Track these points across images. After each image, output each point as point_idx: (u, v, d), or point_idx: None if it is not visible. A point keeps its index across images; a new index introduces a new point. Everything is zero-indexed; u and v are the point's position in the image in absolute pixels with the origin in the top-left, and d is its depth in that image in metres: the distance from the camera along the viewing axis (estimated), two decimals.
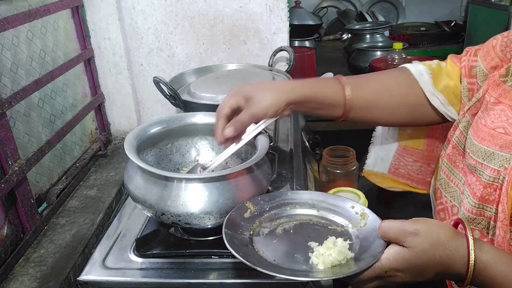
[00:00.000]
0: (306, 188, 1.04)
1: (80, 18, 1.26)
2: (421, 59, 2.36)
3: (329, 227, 0.72)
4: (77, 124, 1.19)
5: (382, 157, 0.96)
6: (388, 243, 0.60)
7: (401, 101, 0.82)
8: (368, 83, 0.83)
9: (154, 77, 1.07)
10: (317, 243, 0.65)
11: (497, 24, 2.20)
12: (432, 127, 0.91)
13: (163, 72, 1.48)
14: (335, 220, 0.74)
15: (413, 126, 0.90)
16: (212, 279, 0.76)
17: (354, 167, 1.29)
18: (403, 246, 0.58)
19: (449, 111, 0.81)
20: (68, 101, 1.19)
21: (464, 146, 0.73)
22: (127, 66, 1.39)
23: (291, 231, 0.71)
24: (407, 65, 0.85)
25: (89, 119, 1.32)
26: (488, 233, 0.66)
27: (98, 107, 1.36)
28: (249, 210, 0.74)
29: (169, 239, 0.86)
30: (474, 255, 0.56)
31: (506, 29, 2.14)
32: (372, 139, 0.97)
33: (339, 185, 1.22)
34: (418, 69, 0.83)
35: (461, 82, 0.81)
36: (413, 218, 0.60)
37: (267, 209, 0.76)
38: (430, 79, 0.81)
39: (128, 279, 0.77)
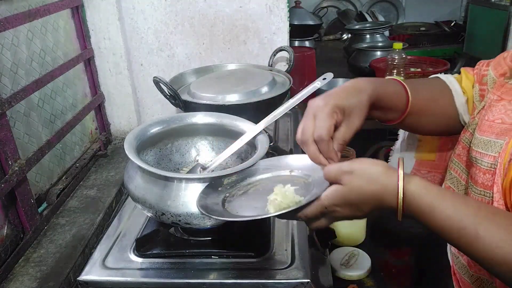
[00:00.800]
0: None
1: (80, 18, 1.26)
2: (421, 59, 2.37)
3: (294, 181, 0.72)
4: (77, 124, 1.19)
5: None
6: (330, 184, 0.63)
7: (444, 111, 0.83)
8: (419, 89, 0.83)
9: (154, 77, 1.07)
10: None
11: (497, 24, 2.20)
12: (443, 138, 0.92)
13: (163, 72, 1.48)
14: (301, 175, 0.73)
15: (445, 135, 0.91)
16: (212, 279, 0.76)
17: None
18: (340, 184, 0.62)
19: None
20: (68, 101, 1.19)
21: (470, 143, 0.74)
22: (127, 66, 1.39)
23: (261, 189, 0.73)
24: (441, 76, 0.86)
25: (89, 119, 1.32)
26: None
27: (98, 107, 1.36)
28: (227, 179, 0.76)
29: (169, 239, 0.86)
30: (403, 187, 0.58)
31: (506, 29, 2.14)
32: (389, 158, 0.98)
33: None
34: (450, 80, 0.85)
35: (473, 87, 0.83)
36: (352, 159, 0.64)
37: (245, 177, 0.77)
38: (464, 100, 0.82)
39: (128, 279, 0.77)
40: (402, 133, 0.98)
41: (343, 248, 1.08)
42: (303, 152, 0.69)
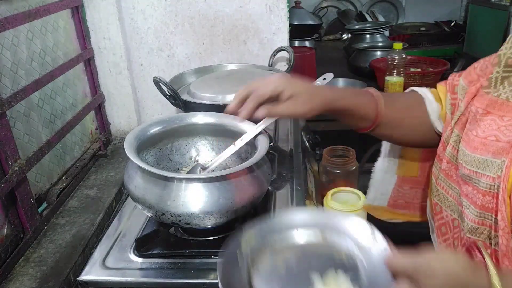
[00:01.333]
0: (306, 188, 1.04)
1: (80, 18, 1.26)
2: (421, 59, 2.36)
3: (333, 252, 0.65)
4: (77, 124, 1.19)
5: (382, 192, 0.99)
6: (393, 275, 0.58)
7: (420, 121, 0.85)
8: (395, 101, 0.86)
9: (154, 77, 1.07)
10: (319, 274, 0.60)
11: (497, 24, 2.19)
12: (425, 152, 0.94)
13: (163, 72, 1.48)
14: (339, 243, 0.66)
15: (424, 147, 0.92)
16: (212, 279, 0.76)
17: (354, 167, 1.29)
18: (415, 284, 0.55)
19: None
20: (68, 101, 1.19)
21: (457, 158, 0.74)
22: (127, 66, 1.39)
23: (293, 261, 0.64)
24: (416, 89, 0.88)
25: (89, 119, 1.32)
26: (491, 243, 0.66)
27: (98, 107, 1.36)
28: (245, 243, 0.65)
29: (169, 239, 0.86)
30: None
31: (506, 29, 2.14)
32: (372, 174, 1.00)
33: (339, 185, 1.22)
34: (423, 91, 0.86)
35: (446, 98, 0.84)
36: (423, 251, 0.57)
37: (264, 237, 0.67)
38: (438, 107, 0.84)
39: (128, 279, 0.77)
40: (383, 150, 0.99)
41: None
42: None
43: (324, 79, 0.88)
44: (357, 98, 0.81)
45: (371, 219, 0.99)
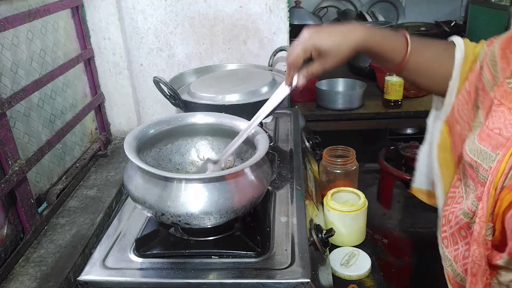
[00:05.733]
0: (306, 188, 1.04)
1: (80, 18, 1.26)
2: None
3: None
4: (77, 124, 1.19)
5: (426, 175, 0.98)
6: None
7: (447, 75, 0.84)
8: (426, 49, 0.85)
9: (154, 77, 1.07)
10: None
11: (497, 24, 2.20)
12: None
13: (163, 72, 1.48)
14: None
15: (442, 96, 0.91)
16: (212, 279, 0.76)
17: (354, 167, 1.29)
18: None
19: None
20: (68, 101, 1.19)
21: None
22: (127, 66, 1.39)
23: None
24: (454, 39, 0.87)
25: (89, 119, 1.32)
26: (470, 226, 0.68)
27: (98, 107, 1.36)
28: None
29: (169, 239, 0.86)
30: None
31: (506, 29, 2.14)
32: (417, 157, 1.00)
33: (339, 185, 1.22)
34: (459, 42, 0.86)
35: (481, 48, 0.84)
36: None
37: None
38: (463, 47, 0.84)
39: (128, 279, 0.77)
40: (427, 136, 0.97)
41: (343, 248, 1.08)
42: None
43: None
44: (387, 42, 0.81)
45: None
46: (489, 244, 0.64)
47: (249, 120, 0.86)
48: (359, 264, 1.03)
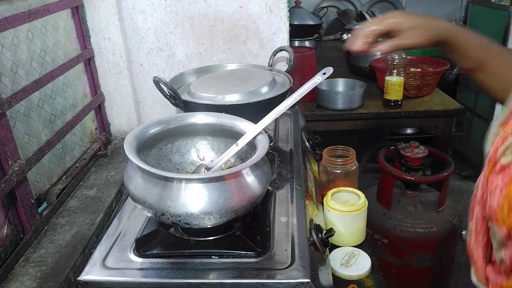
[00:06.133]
0: (306, 188, 1.04)
1: (80, 18, 1.26)
2: (421, 59, 2.36)
3: None
4: (77, 124, 1.19)
5: None
6: None
7: None
8: (507, 54, 0.86)
9: (154, 77, 1.07)
10: None
11: (497, 24, 2.20)
12: None
13: (163, 72, 1.48)
14: None
15: None
16: (212, 279, 0.76)
17: (354, 167, 1.29)
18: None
19: None
20: (68, 101, 1.19)
21: None
22: (127, 66, 1.39)
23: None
24: None
25: (89, 119, 1.32)
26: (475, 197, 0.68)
27: (98, 107, 1.36)
28: None
29: (169, 239, 0.86)
30: None
31: (506, 29, 2.14)
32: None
33: (339, 185, 1.22)
34: None
35: None
36: None
37: None
38: None
39: (128, 279, 0.77)
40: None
41: (343, 248, 1.08)
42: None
43: (324, 73, 0.88)
44: (467, 38, 0.83)
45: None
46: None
47: (249, 120, 0.86)
48: (359, 264, 1.03)
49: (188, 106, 1.10)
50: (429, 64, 2.16)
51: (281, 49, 1.36)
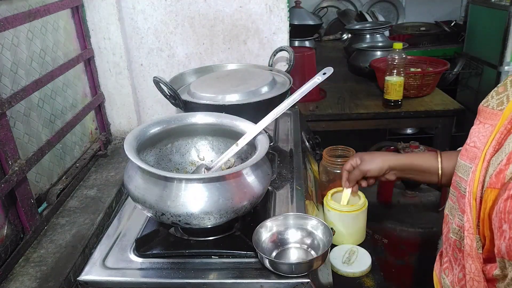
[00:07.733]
0: (306, 188, 1.04)
1: (80, 18, 1.26)
2: (421, 59, 2.37)
3: None
4: (77, 124, 1.19)
5: None
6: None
7: None
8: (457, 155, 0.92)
9: (154, 77, 1.07)
10: None
11: (497, 24, 2.20)
12: None
13: (163, 72, 1.48)
14: None
15: None
16: (212, 279, 0.76)
17: None
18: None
19: None
20: (68, 101, 1.19)
21: None
22: (127, 66, 1.39)
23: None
24: None
25: (89, 119, 1.32)
26: (461, 243, 0.70)
27: (98, 107, 1.36)
28: None
29: (169, 239, 0.86)
30: None
31: (506, 29, 2.14)
32: None
33: (339, 185, 1.22)
34: None
35: None
36: None
37: None
38: None
39: (128, 279, 0.77)
40: None
41: (342, 246, 1.08)
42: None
43: (324, 73, 0.88)
44: (417, 156, 0.99)
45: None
46: (482, 258, 0.65)
47: (249, 120, 0.86)
48: (360, 261, 1.03)
49: (188, 106, 1.10)
50: (429, 64, 2.16)
51: (281, 49, 1.36)
